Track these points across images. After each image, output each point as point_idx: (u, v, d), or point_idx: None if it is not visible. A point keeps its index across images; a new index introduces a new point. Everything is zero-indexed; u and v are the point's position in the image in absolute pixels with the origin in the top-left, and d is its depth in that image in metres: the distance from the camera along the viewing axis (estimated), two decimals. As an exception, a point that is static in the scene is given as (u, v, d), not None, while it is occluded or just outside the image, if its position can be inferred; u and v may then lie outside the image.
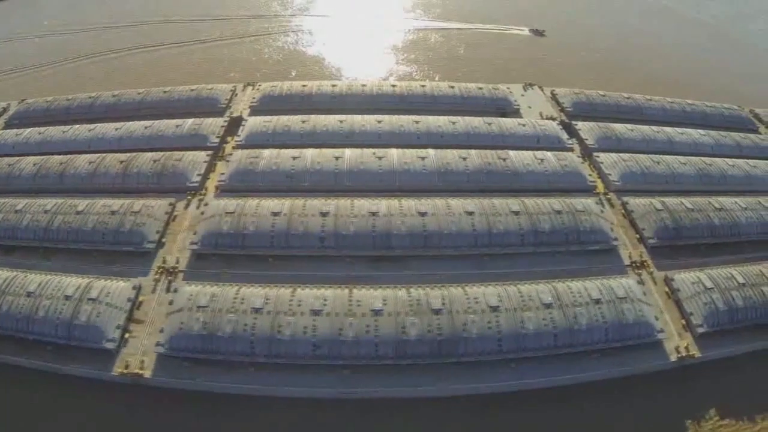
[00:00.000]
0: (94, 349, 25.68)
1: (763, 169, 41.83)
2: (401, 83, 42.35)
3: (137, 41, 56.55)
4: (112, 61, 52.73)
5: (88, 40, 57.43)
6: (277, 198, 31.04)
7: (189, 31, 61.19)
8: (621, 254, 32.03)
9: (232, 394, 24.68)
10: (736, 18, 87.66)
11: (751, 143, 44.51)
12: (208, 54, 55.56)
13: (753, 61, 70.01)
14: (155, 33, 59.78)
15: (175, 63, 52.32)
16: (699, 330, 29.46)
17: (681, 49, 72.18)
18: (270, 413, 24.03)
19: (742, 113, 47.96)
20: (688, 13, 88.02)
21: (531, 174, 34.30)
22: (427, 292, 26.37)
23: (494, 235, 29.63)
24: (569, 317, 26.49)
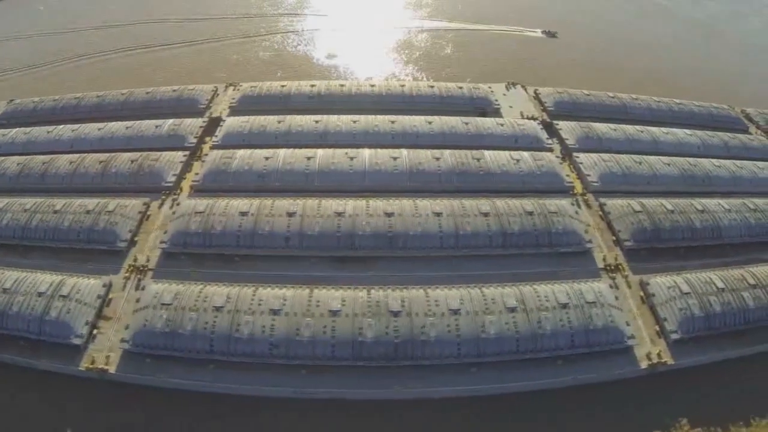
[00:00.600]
0: (64, 345, 25.48)
1: (750, 170, 39.69)
2: (380, 83, 41.34)
3: (129, 42, 56.39)
4: (109, 62, 52.57)
5: (80, 40, 57.37)
6: (248, 198, 30.34)
7: (180, 32, 60.75)
8: (595, 257, 30.52)
9: (192, 391, 24.21)
10: (732, 17, 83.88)
11: (739, 143, 42.21)
12: (199, 54, 55.07)
13: (751, 60, 66.71)
14: (146, 34, 59.55)
15: (165, 64, 52.03)
16: (673, 336, 27.87)
17: (676, 48, 69.38)
18: (233, 411, 23.60)
19: (731, 113, 45.60)
20: (683, 12, 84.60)
21: (506, 174, 32.93)
22: (387, 294, 25.47)
23: (461, 236, 28.49)
24: (533, 322, 25.24)
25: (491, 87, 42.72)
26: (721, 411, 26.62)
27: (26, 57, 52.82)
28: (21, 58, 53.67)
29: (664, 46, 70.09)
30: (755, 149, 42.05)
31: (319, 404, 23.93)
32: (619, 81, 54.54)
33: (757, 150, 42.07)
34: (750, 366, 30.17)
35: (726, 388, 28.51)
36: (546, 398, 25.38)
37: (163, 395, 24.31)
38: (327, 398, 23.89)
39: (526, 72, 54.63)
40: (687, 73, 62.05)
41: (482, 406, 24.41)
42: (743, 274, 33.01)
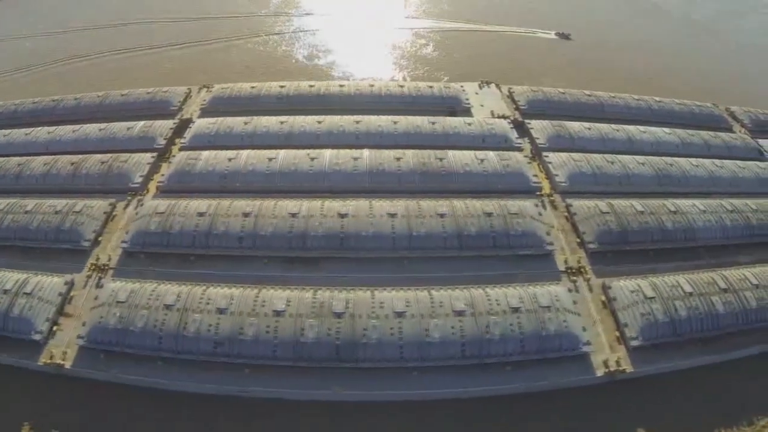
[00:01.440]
0: (25, 341, 25.47)
1: (730, 170, 37.03)
2: (349, 83, 39.95)
3: (120, 44, 56.11)
4: (97, 63, 52.24)
5: (69, 42, 57.18)
6: (208, 199, 29.58)
7: (167, 33, 60.16)
8: (556, 260, 28.71)
9: (143, 387, 23.87)
10: (728, 16, 79.28)
11: (720, 142, 39.40)
12: (187, 56, 54.42)
13: (745, 59, 62.80)
14: (133, 36, 59.17)
15: (153, 65, 51.64)
16: (633, 343, 25.96)
17: (668, 47, 65.74)
18: (178, 408, 23.09)
19: (714, 111, 42.67)
20: (677, 11, 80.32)
21: (469, 175, 31.25)
22: (332, 295, 24.42)
23: (414, 237, 27.06)
24: (481, 326, 23.76)
25: (463, 86, 40.92)
26: (682, 422, 24.84)
27: (17, 58, 52.76)
28: (13, 59, 53.63)
29: (661, 45, 66.74)
30: (737, 148, 39.24)
31: (264, 404, 23.09)
32: (631, 82, 51.93)
33: (739, 149, 39.26)
34: (717, 375, 28.10)
35: (690, 398, 26.51)
36: (496, 405, 23.94)
37: (118, 390, 23.92)
38: (272, 398, 23.08)
39: (537, 73, 52.73)
40: (681, 73, 58.80)
41: (426, 411, 23.12)
42: (714, 278, 30.70)
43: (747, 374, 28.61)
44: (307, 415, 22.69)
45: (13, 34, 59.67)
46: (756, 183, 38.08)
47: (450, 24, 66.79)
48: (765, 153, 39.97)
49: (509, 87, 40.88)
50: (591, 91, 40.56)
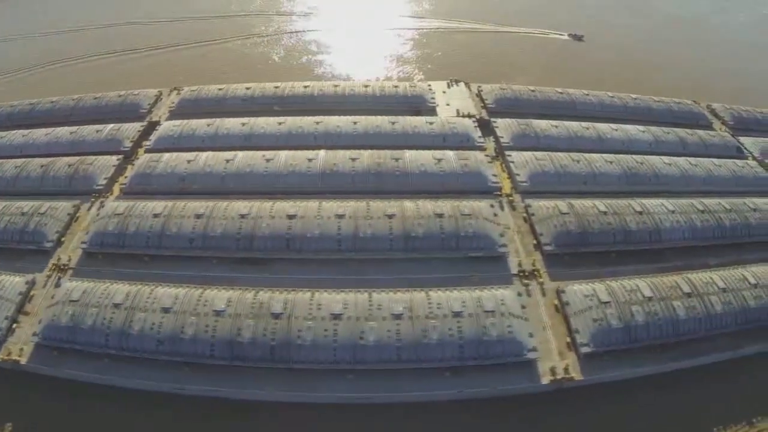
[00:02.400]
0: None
1: (705, 168, 34.50)
2: (314, 83, 38.77)
3: (109, 45, 56.04)
4: (85, 66, 51.88)
5: (57, 44, 57.29)
6: (165, 200, 28.99)
7: (143, 37, 59.60)
8: (509, 262, 27.04)
9: (94, 383, 23.47)
10: (718, 13, 74.91)
11: (697, 140, 36.75)
12: (159, 60, 53.85)
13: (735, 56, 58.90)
14: (119, 38, 59.01)
15: (134, 68, 51.53)
16: (583, 350, 24.14)
17: (658, 46, 62.27)
18: (125, 405, 22.75)
19: (694, 108, 39.85)
20: (666, 9, 76.24)
21: (424, 175, 29.84)
22: (271, 296, 23.55)
23: (359, 239, 25.91)
24: (418, 330, 22.42)
25: (431, 85, 39.35)
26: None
27: (7, 61, 52.86)
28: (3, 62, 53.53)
29: (648, 42, 63.25)
30: (715, 146, 36.54)
31: (205, 401, 22.40)
32: (645, 83, 49.26)
33: (717, 147, 36.58)
34: (676, 383, 25.94)
35: (646, 408, 24.54)
36: (436, 411, 22.55)
37: (70, 386, 23.62)
38: (211, 396, 22.39)
39: (551, 73, 50.71)
40: (668, 71, 55.46)
41: (363, 414, 21.96)
42: (678, 282, 28.44)
43: (711, 382, 26.69)
44: (239, 412, 21.96)
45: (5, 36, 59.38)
46: (732, 181, 35.37)
47: (468, 25, 65.23)
48: (745, 151, 37.24)
49: (479, 85, 39.07)
50: (563, 89, 38.38)
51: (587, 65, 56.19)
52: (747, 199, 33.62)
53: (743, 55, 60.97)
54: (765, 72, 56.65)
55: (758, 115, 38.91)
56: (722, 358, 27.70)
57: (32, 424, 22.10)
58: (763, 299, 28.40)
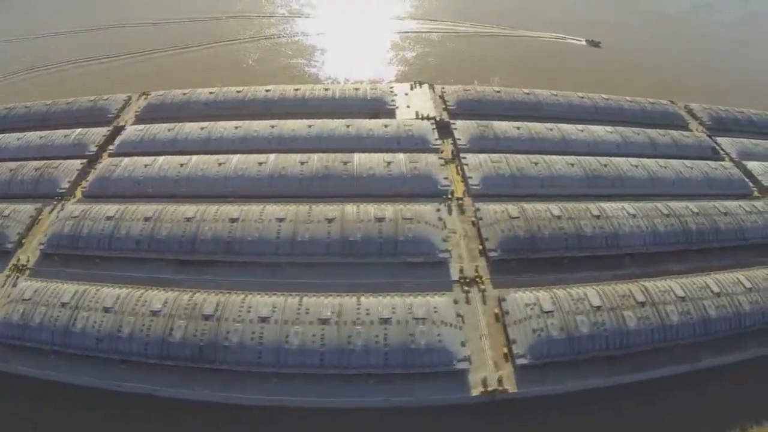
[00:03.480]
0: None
1: (674, 170, 32.35)
2: (276, 87, 38.32)
3: (95, 51, 56.08)
4: (73, 70, 51.88)
5: (42, 48, 57.46)
6: (119, 204, 29.18)
7: (129, 41, 59.41)
8: (451, 268, 25.78)
9: (41, 379, 23.69)
10: (704, 10, 70.93)
11: (669, 141, 34.45)
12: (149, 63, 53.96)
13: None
14: (106, 42, 59.11)
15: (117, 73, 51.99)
16: (519, 361, 22.82)
17: (648, 45, 59.42)
18: (68, 400, 22.83)
19: (669, 108, 37.42)
20: (650, 6, 72.53)
21: (372, 178, 29.04)
22: (205, 298, 23.39)
23: (297, 243, 25.35)
24: (343, 336, 21.69)
25: (393, 87, 38.50)
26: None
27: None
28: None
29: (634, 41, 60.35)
30: (688, 147, 34.16)
31: (138, 398, 22.24)
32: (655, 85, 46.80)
33: (690, 148, 34.19)
34: (624, 397, 24.03)
35: (588, 425, 22.78)
36: (365, 418, 21.69)
37: (22, 383, 23.82)
38: (143, 393, 22.29)
39: (564, 78, 48.96)
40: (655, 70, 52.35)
41: (289, 417, 21.36)
42: (631, 290, 26.55)
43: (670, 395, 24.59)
44: (171, 411, 21.65)
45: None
46: (704, 184, 33.00)
47: (487, 29, 64.22)
48: (721, 152, 34.51)
49: (442, 87, 37.81)
50: (530, 90, 36.52)
51: (600, 70, 53.68)
52: (718, 203, 31.29)
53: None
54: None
55: (738, 115, 36.19)
56: (678, 371, 25.64)
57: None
58: (726, 309, 26.28)
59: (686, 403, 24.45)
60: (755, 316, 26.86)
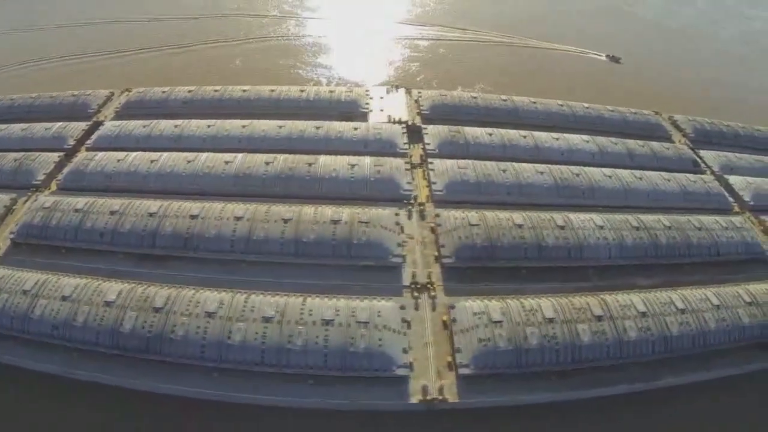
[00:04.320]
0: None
1: (651, 182, 32.26)
2: (252, 87, 39.55)
3: (89, 46, 57.60)
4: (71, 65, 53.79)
5: (36, 42, 58.74)
6: (90, 197, 30.53)
7: (131, 36, 61.00)
8: (404, 273, 26.15)
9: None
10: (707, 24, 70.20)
11: (648, 152, 34.28)
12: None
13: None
14: (101, 37, 60.76)
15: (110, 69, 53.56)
16: (462, 371, 23.08)
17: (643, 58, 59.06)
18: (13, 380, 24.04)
19: (651, 119, 37.24)
20: (654, 19, 71.91)
21: (334, 181, 29.83)
22: (157, 291, 24.45)
23: (252, 242, 26.27)
24: (285, 335, 22.39)
25: (368, 91, 39.37)
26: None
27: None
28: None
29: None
30: (667, 159, 33.91)
31: (90, 386, 23.24)
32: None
33: (669, 160, 33.92)
34: (571, 414, 23.75)
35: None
36: (303, 416, 22.18)
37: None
38: (89, 381, 23.33)
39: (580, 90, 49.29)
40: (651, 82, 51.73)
41: (223, 412, 21.93)
42: (589, 303, 26.44)
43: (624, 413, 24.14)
44: (122, 402, 22.49)
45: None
46: (680, 197, 32.71)
47: (510, 39, 65.10)
48: (703, 165, 33.88)
49: (419, 91, 38.42)
50: (508, 96, 36.51)
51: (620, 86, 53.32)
52: (693, 217, 30.99)
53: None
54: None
55: (723, 128, 35.67)
56: (632, 389, 25.41)
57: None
58: (690, 326, 25.91)
59: (643, 423, 24.17)
60: (721, 334, 26.53)
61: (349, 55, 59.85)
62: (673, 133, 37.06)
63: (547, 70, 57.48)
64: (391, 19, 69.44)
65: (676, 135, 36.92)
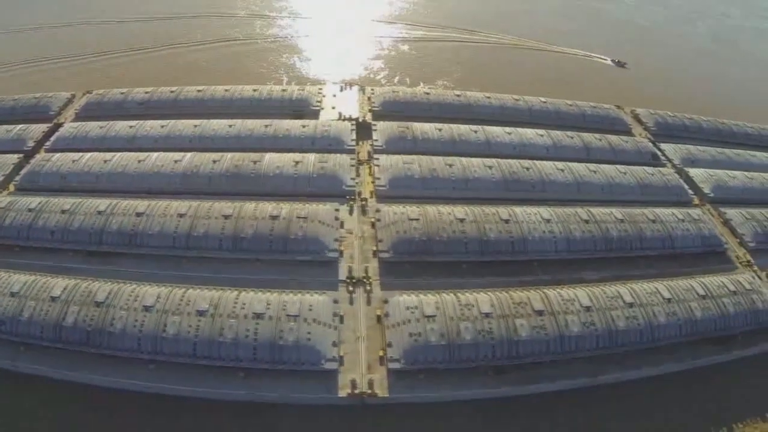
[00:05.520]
0: None
1: (605, 175, 33.11)
2: (207, 88, 41.20)
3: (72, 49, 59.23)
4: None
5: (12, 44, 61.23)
6: (45, 197, 32.11)
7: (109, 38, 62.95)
8: (340, 268, 27.21)
9: None
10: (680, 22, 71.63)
11: (606, 145, 35.17)
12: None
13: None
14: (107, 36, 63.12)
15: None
16: (392, 365, 24.19)
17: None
18: None
19: (611, 112, 38.14)
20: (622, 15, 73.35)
21: (279, 177, 31.42)
22: (99, 286, 26.07)
23: (192, 238, 27.86)
24: (216, 327, 23.77)
25: (321, 89, 40.97)
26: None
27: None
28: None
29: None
30: (626, 152, 34.73)
31: (34, 379, 24.61)
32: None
33: (627, 153, 34.76)
34: (509, 410, 23.96)
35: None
36: (229, 410, 23.15)
37: None
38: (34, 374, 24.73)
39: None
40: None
41: (160, 404, 23.06)
42: (530, 298, 27.21)
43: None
44: (57, 392, 23.80)
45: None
46: (637, 190, 33.55)
47: (518, 41, 67.05)
48: (663, 158, 34.27)
49: (371, 88, 39.78)
50: (461, 91, 37.43)
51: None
52: (648, 209, 31.65)
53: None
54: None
55: (686, 121, 36.09)
56: (573, 386, 25.97)
57: None
58: (637, 321, 26.18)
59: (584, 419, 24.14)
60: (671, 329, 26.83)
61: (314, 54, 61.12)
62: (634, 126, 37.84)
63: (556, 71, 57.97)
64: (367, 17, 71.02)
65: (637, 128, 37.68)
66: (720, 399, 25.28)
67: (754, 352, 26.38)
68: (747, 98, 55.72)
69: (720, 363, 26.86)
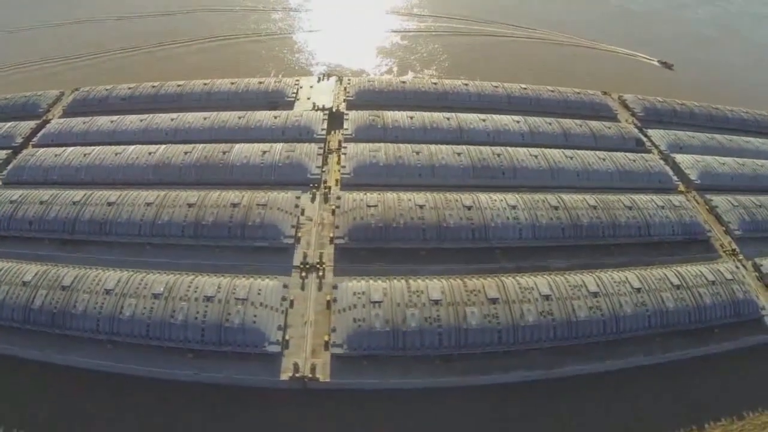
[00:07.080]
0: None
1: (582, 161, 33.15)
2: (187, 82, 44.11)
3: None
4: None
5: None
6: (27, 189, 34.78)
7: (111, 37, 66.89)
8: (295, 254, 28.64)
9: None
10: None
11: (586, 131, 35.23)
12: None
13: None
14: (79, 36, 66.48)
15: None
16: (335, 350, 25.66)
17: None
18: None
19: (596, 98, 38.00)
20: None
21: (246, 167, 33.62)
22: (67, 271, 28.82)
23: (156, 225, 30.35)
24: (168, 310, 25.99)
25: (298, 80, 43.20)
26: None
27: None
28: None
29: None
30: (608, 138, 34.71)
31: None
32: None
33: (610, 139, 34.66)
34: (454, 398, 24.18)
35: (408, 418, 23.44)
36: (173, 389, 24.87)
37: None
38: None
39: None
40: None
41: (117, 382, 25.13)
42: (484, 285, 28.05)
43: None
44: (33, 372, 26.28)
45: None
46: (616, 176, 33.39)
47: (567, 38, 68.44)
48: (649, 144, 33.44)
49: (348, 78, 41.27)
50: (438, 79, 37.71)
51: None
52: (625, 196, 31.31)
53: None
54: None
55: (677, 107, 34.81)
56: (528, 378, 26.25)
57: None
58: (600, 312, 25.97)
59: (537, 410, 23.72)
60: (639, 320, 26.18)
61: (311, 47, 63.22)
62: (621, 112, 37.35)
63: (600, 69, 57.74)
64: (381, 8, 73.54)
65: (623, 114, 37.14)
66: (691, 395, 24.34)
67: (732, 347, 25.28)
68: (745, 84, 53.13)
69: (698, 357, 25.92)
